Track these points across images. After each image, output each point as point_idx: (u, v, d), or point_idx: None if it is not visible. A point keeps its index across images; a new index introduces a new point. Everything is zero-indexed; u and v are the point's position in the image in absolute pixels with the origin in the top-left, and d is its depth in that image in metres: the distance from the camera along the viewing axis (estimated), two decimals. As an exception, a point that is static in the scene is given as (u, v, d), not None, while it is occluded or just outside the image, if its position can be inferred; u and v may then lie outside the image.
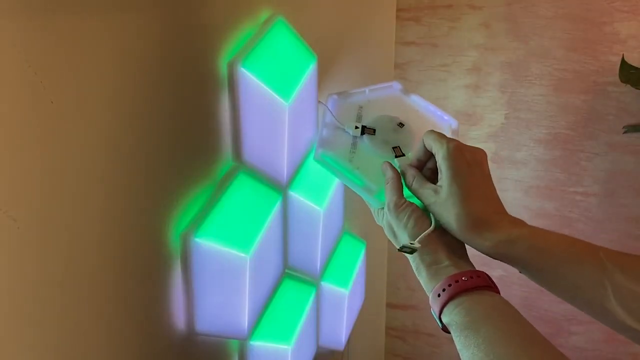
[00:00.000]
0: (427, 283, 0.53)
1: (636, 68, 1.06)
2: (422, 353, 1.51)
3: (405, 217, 0.56)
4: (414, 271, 0.55)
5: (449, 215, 0.53)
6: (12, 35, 0.35)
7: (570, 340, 1.32)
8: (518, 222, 0.53)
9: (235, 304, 0.61)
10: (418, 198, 0.58)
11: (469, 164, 0.54)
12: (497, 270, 1.34)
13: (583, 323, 1.30)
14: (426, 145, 0.59)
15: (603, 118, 1.18)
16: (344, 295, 0.92)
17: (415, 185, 0.58)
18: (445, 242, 0.55)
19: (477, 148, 0.57)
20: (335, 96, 0.75)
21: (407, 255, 0.55)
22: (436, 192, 0.55)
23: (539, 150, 1.25)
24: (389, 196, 0.59)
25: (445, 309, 0.49)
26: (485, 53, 1.25)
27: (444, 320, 0.50)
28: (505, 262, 0.52)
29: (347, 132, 0.70)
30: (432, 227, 0.55)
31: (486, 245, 0.52)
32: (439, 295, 0.50)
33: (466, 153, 0.55)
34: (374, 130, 0.70)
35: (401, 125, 0.71)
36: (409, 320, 1.50)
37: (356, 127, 0.70)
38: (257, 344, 0.66)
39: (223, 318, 0.60)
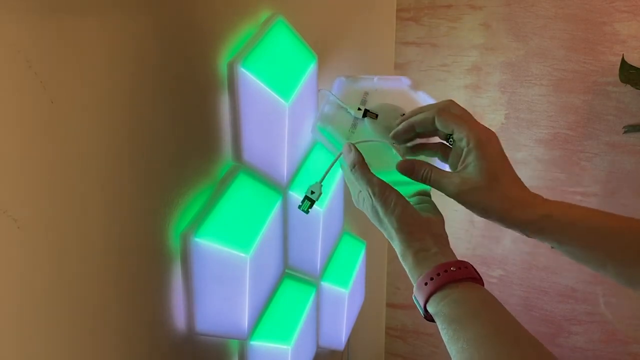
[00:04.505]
0: (413, 269, 0.52)
1: (636, 68, 1.06)
2: (422, 353, 1.51)
3: (392, 204, 0.55)
4: (399, 257, 0.55)
5: (489, 199, 0.54)
6: (12, 35, 0.35)
7: (570, 340, 1.32)
8: (551, 200, 0.57)
9: (235, 304, 0.61)
10: (436, 189, 0.58)
11: (501, 151, 0.57)
12: (496, 271, 1.34)
13: (583, 323, 1.30)
14: (443, 127, 0.58)
15: (603, 118, 1.18)
16: (344, 295, 0.92)
17: (435, 177, 0.57)
18: (432, 231, 0.55)
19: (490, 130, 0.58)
20: (343, 78, 0.75)
21: (392, 242, 0.55)
22: (464, 180, 0.55)
23: (539, 150, 1.24)
24: (371, 182, 0.57)
25: (431, 299, 0.49)
26: (485, 53, 1.24)
27: (429, 310, 0.49)
28: (540, 238, 0.55)
29: (349, 112, 0.70)
30: None
31: (527, 220, 0.54)
32: (425, 284, 0.49)
33: (496, 141, 0.57)
34: (377, 116, 0.70)
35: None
36: (409, 320, 1.50)
37: (359, 109, 0.70)
38: (257, 344, 0.66)
39: (223, 318, 0.60)
